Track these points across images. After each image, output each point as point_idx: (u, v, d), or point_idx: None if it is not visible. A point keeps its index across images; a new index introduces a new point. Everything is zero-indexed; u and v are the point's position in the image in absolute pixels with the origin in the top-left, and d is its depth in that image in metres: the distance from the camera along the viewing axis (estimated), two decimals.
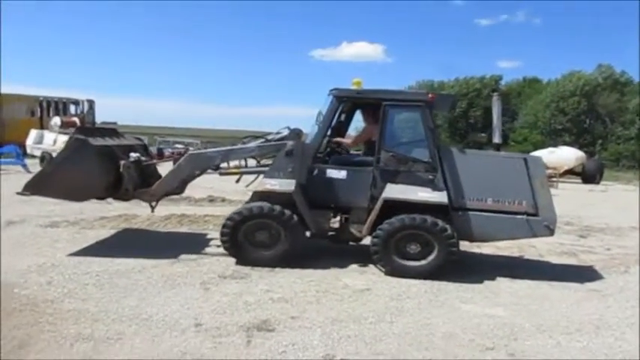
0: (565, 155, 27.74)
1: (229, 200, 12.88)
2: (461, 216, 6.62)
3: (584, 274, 7.27)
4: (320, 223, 6.87)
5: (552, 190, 7.78)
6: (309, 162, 6.82)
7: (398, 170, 6.70)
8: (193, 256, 6.92)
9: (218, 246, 7.04)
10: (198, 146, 46.87)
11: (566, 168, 26.51)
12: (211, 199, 13.09)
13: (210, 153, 7.45)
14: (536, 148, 35.80)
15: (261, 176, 6.93)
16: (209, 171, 7.38)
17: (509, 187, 6.61)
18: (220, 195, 13.46)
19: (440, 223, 6.33)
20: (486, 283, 6.46)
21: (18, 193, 6.90)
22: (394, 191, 6.56)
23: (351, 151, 7.97)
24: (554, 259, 8.17)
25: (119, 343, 4.12)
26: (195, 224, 9.46)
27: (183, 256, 6.86)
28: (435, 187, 6.55)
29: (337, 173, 6.83)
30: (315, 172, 6.82)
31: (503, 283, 6.48)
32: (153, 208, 7.68)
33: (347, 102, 7.32)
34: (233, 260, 6.72)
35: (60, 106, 33.12)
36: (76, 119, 29.00)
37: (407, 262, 6.47)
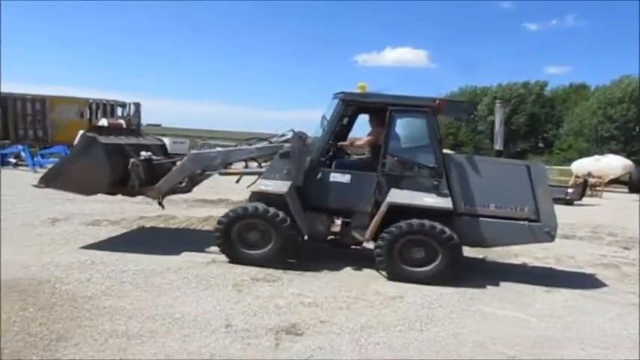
0: (611, 163, 26.92)
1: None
2: (464, 221, 6.65)
3: (625, 287, 7.03)
4: (315, 226, 6.96)
5: (596, 200, 7.56)
6: (306, 165, 6.88)
7: (403, 175, 6.73)
8: (227, 258, 7.02)
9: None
10: None
11: (612, 177, 25.73)
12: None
13: (210, 153, 7.64)
14: (581, 156, 34.84)
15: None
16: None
17: (511, 193, 6.66)
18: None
19: (447, 230, 6.34)
20: (521, 293, 6.34)
21: (34, 186, 7.35)
22: (399, 196, 6.58)
23: (352, 155, 8.03)
24: (594, 271, 7.93)
25: (151, 341, 4.23)
26: None
27: (217, 258, 6.97)
28: (440, 193, 6.58)
29: (341, 177, 6.87)
30: (319, 175, 6.89)
31: (538, 294, 6.35)
32: (160, 205, 8.07)
33: (353, 106, 7.37)
34: (265, 264, 6.80)
35: (108, 109, 34.17)
36: (122, 121, 29.81)
37: (411, 267, 6.48)
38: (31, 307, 4.78)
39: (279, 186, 6.75)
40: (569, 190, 19.73)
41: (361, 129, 8.05)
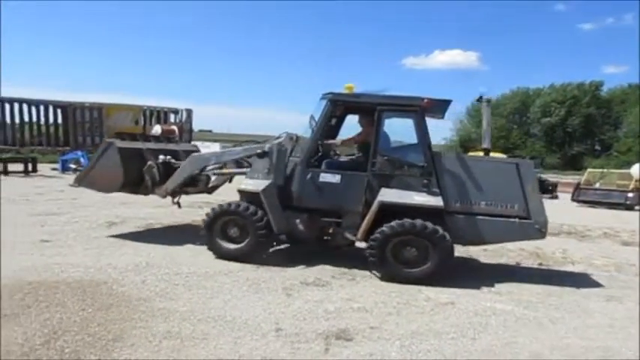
0: None
1: None
2: (455, 220, 6.64)
3: None
4: (292, 225, 7.05)
5: None
6: (285, 164, 7.03)
7: (393, 174, 6.78)
8: (277, 262, 7.08)
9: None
10: None
11: None
12: None
13: (206, 155, 8.15)
14: None
15: None
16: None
17: (501, 191, 6.65)
18: None
19: (440, 229, 6.34)
20: (578, 302, 6.08)
21: (70, 185, 8.44)
22: (390, 195, 6.60)
23: (342, 156, 8.05)
24: None
25: (204, 343, 4.30)
26: None
27: (267, 261, 7.03)
28: (431, 192, 6.60)
29: (331, 177, 6.93)
30: (309, 175, 6.96)
31: (597, 303, 6.07)
32: (175, 203, 8.64)
33: (342, 106, 7.41)
34: (316, 268, 6.85)
35: (161, 115, 35.26)
36: (174, 127, 30.63)
37: (403, 267, 6.48)
38: (90, 308, 4.95)
39: (256, 184, 7.01)
40: (630, 195, 18.89)
41: (350, 130, 7.99)
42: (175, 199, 8.59)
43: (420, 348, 4.42)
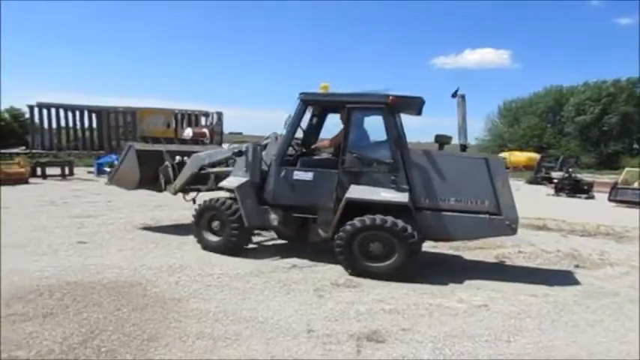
0: None
1: None
2: (425, 216, 6.66)
3: None
4: (268, 221, 7.25)
5: None
6: (259, 162, 7.27)
7: (362, 171, 6.83)
8: (309, 263, 7.10)
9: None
10: None
11: None
12: None
13: (202, 155, 8.52)
14: None
15: None
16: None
17: (471, 187, 6.60)
18: None
19: (400, 223, 6.34)
20: (618, 305, 5.91)
21: (105, 184, 9.91)
22: (358, 192, 6.70)
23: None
24: None
25: (236, 344, 4.33)
26: None
27: (299, 263, 7.07)
28: (398, 188, 6.63)
29: (304, 175, 7.06)
30: (283, 173, 7.13)
31: (637, 306, 5.86)
32: (188, 200, 9.01)
33: (314, 105, 7.64)
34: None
35: (192, 118, 35.78)
36: (205, 130, 31.07)
37: (370, 262, 6.52)
38: (125, 308, 5.05)
39: (234, 182, 7.38)
40: None
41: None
42: (189, 197, 9.03)
43: (454, 351, 4.36)
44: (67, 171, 20.59)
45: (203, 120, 36.53)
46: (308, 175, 7.04)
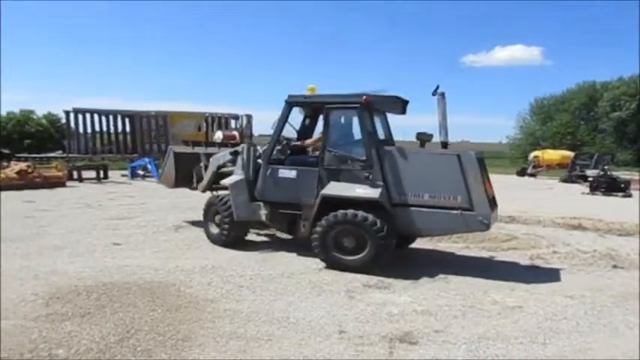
0: None
1: None
2: (399, 212, 6.80)
3: None
4: (258, 216, 7.65)
5: None
6: (252, 161, 7.79)
7: (340, 169, 7.12)
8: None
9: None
10: None
11: None
12: None
13: (218, 155, 8.93)
14: None
15: None
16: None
17: (444, 183, 6.68)
18: None
19: (370, 218, 6.59)
20: None
21: (157, 183, 11.23)
22: (333, 188, 7.01)
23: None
24: None
25: (269, 344, 4.36)
26: None
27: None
28: (372, 184, 6.85)
29: (288, 173, 7.45)
30: (269, 171, 7.55)
31: None
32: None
33: (297, 106, 7.88)
34: (377, 270, 6.80)
35: (222, 121, 36.12)
36: (235, 133, 31.19)
37: (343, 255, 6.79)
38: (160, 309, 5.14)
39: (231, 180, 7.92)
40: None
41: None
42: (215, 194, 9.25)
43: (488, 353, 4.30)
44: (101, 174, 21.07)
45: (233, 123, 36.86)
46: (292, 173, 7.42)
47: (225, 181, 8.08)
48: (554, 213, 12.97)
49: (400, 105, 7.85)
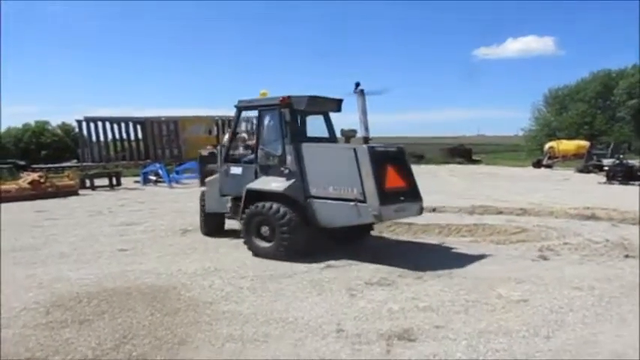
0: None
1: None
2: (310, 204, 7.29)
3: None
4: (224, 208, 8.43)
5: None
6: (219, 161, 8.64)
7: (268, 165, 7.80)
8: (343, 262, 7.03)
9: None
10: None
11: None
12: None
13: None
14: None
15: None
16: None
17: (344, 175, 7.01)
18: None
19: (277, 209, 7.22)
20: None
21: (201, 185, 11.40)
22: (256, 183, 7.77)
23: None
24: None
25: (265, 345, 4.31)
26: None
27: (333, 262, 7.01)
28: (288, 178, 7.44)
29: (236, 169, 8.26)
30: (225, 169, 8.43)
31: None
32: None
33: (245, 110, 8.54)
34: (381, 267, 6.76)
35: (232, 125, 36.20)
36: (245, 135, 31.28)
37: (261, 242, 7.46)
38: (159, 313, 5.12)
39: (209, 178, 9.10)
40: None
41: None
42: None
43: (488, 347, 4.20)
44: (114, 181, 21.21)
45: (243, 125, 36.88)
46: (238, 170, 8.23)
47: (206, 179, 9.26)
48: (568, 204, 12.75)
49: (335, 104, 8.41)
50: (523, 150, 52.68)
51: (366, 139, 7.52)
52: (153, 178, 23.04)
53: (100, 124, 36.35)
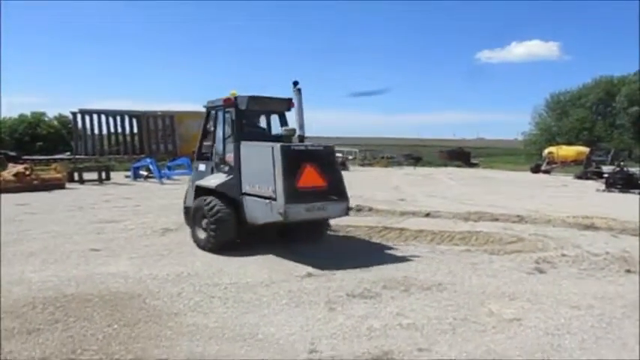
0: None
1: (376, 210, 12.43)
2: (245, 200, 7.55)
3: None
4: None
5: None
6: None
7: (217, 162, 8.16)
8: (326, 271, 6.57)
9: None
10: (356, 154, 47.64)
11: None
12: (359, 209, 12.69)
13: None
14: None
15: None
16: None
17: (265, 173, 7.19)
18: (368, 204, 13.07)
19: (209, 203, 7.58)
20: None
21: None
22: (204, 179, 8.26)
23: None
24: None
25: None
26: (334, 235, 9.17)
27: (314, 272, 6.55)
28: (227, 175, 7.84)
29: (202, 166, 8.62)
30: (194, 166, 9.00)
31: None
32: None
33: (210, 110, 8.66)
34: (367, 276, 6.33)
35: None
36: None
37: (201, 234, 7.79)
38: (117, 324, 4.67)
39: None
40: None
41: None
42: None
43: None
44: (103, 175, 20.73)
45: None
46: (202, 167, 8.59)
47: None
48: (566, 212, 12.32)
49: (283, 104, 8.41)
50: (522, 154, 52.29)
51: (302, 138, 7.83)
52: (144, 173, 22.53)
53: (95, 116, 36.03)
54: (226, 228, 7.45)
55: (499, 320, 4.93)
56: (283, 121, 8.52)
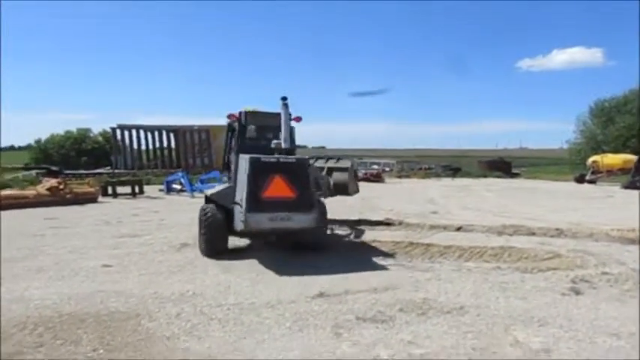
0: None
1: (407, 223, 11.90)
2: (235, 209, 7.75)
3: None
4: None
5: None
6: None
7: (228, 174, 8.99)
8: (339, 290, 6.13)
9: None
10: (393, 166, 46.95)
11: None
12: (388, 223, 12.20)
13: None
14: None
15: None
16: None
17: (242, 183, 7.49)
18: (399, 217, 12.55)
19: (212, 213, 7.98)
20: None
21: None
22: (213, 188, 9.18)
23: None
24: None
25: None
26: (357, 250, 8.72)
27: (327, 290, 6.11)
28: (226, 185, 8.55)
29: (225, 178, 9.36)
30: (221, 177, 9.86)
31: None
32: None
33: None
34: (382, 296, 5.85)
35: None
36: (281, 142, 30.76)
37: (200, 240, 8.30)
38: (104, 348, 4.37)
39: None
40: None
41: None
42: None
43: None
44: (136, 189, 20.87)
45: None
46: (225, 178, 9.30)
47: None
48: (611, 225, 11.47)
49: (277, 119, 8.33)
50: (566, 164, 50.42)
51: (287, 151, 8.03)
52: (177, 187, 22.59)
53: (134, 131, 36.75)
54: (216, 234, 7.93)
55: (524, 351, 4.38)
56: (277, 135, 8.48)
